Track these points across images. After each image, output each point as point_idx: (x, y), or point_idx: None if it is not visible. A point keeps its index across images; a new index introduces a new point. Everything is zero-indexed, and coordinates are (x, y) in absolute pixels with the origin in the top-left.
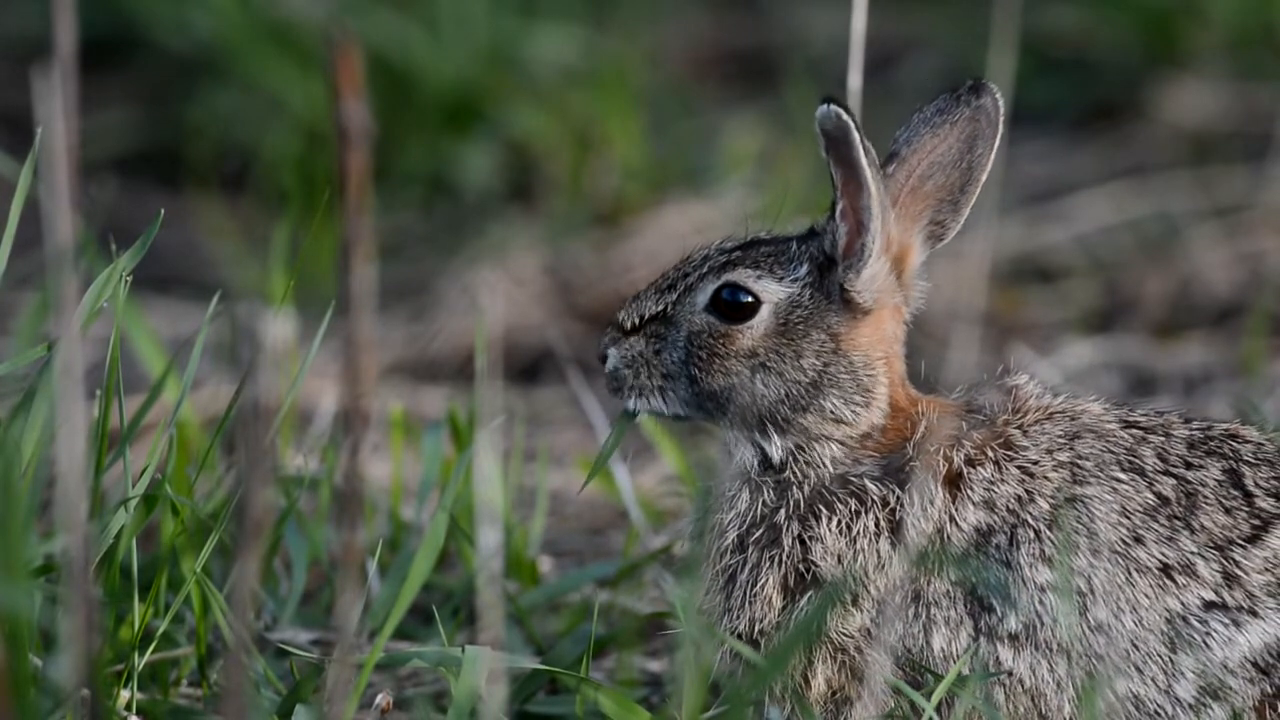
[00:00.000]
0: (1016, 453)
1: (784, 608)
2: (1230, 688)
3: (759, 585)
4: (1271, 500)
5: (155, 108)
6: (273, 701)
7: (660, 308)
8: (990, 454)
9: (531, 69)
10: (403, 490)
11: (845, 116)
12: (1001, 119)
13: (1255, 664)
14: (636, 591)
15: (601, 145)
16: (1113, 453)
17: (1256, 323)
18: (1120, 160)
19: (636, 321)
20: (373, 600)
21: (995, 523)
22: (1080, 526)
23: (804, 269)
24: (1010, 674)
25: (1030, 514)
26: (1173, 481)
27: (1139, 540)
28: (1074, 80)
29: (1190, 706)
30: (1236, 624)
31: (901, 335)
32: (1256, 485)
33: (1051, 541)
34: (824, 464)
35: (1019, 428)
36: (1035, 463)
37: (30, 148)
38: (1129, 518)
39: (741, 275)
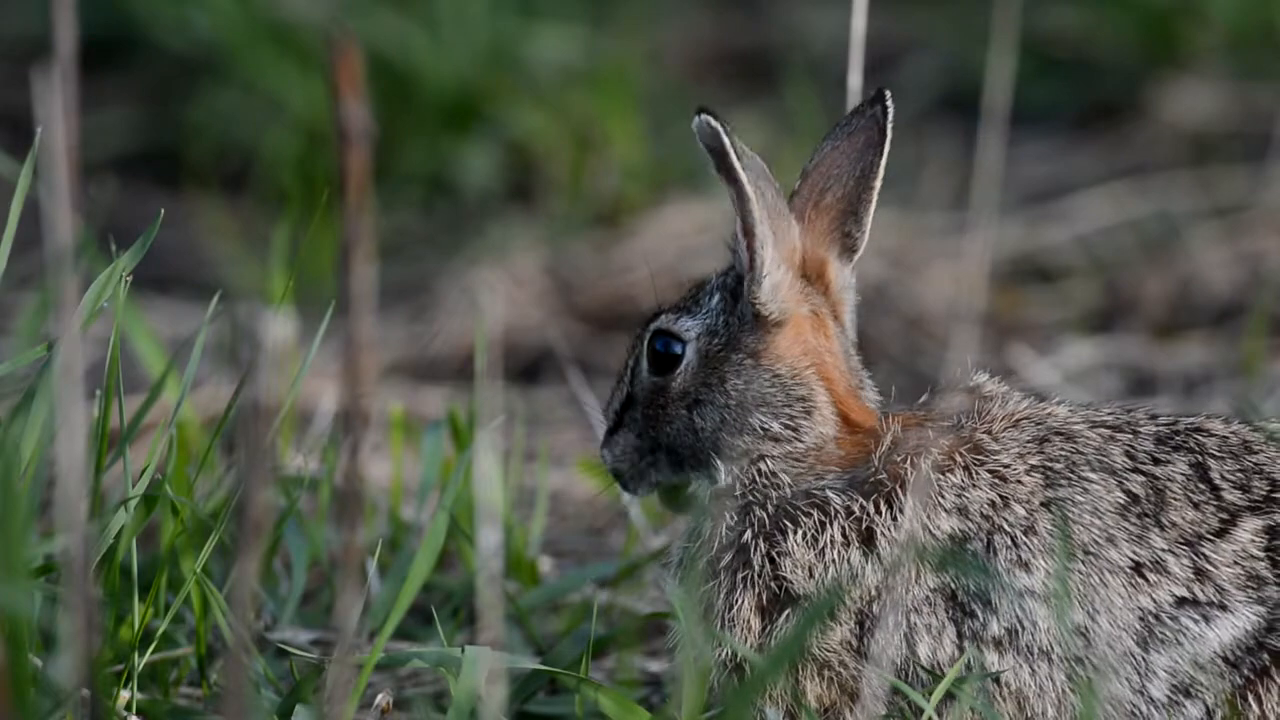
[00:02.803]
0: (987, 457)
1: (763, 629)
2: (1201, 684)
3: (735, 609)
4: (1238, 493)
5: (155, 108)
6: (273, 701)
7: (624, 394)
8: (960, 459)
9: (531, 69)
10: (403, 490)
11: (716, 124)
12: (890, 124)
13: (1225, 658)
14: (636, 591)
15: (601, 145)
16: (1082, 453)
17: (1256, 323)
18: (1120, 160)
19: (615, 418)
20: (373, 600)
21: (970, 529)
22: (1056, 530)
23: (716, 298)
24: (998, 679)
25: (1006, 520)
26: (1142, 479)
27: (1111, 540)
28: (1074, 80)
29: (1164, 706)
30: (1207, 619)
31: (838, 348)
32: (1223, 478)
33: (1028, 547)
34: (778, 481)
35: (988, 432)
36: (1007, 466)
37: (30, 148)
38: (1101, 518)
39: (663, 321)
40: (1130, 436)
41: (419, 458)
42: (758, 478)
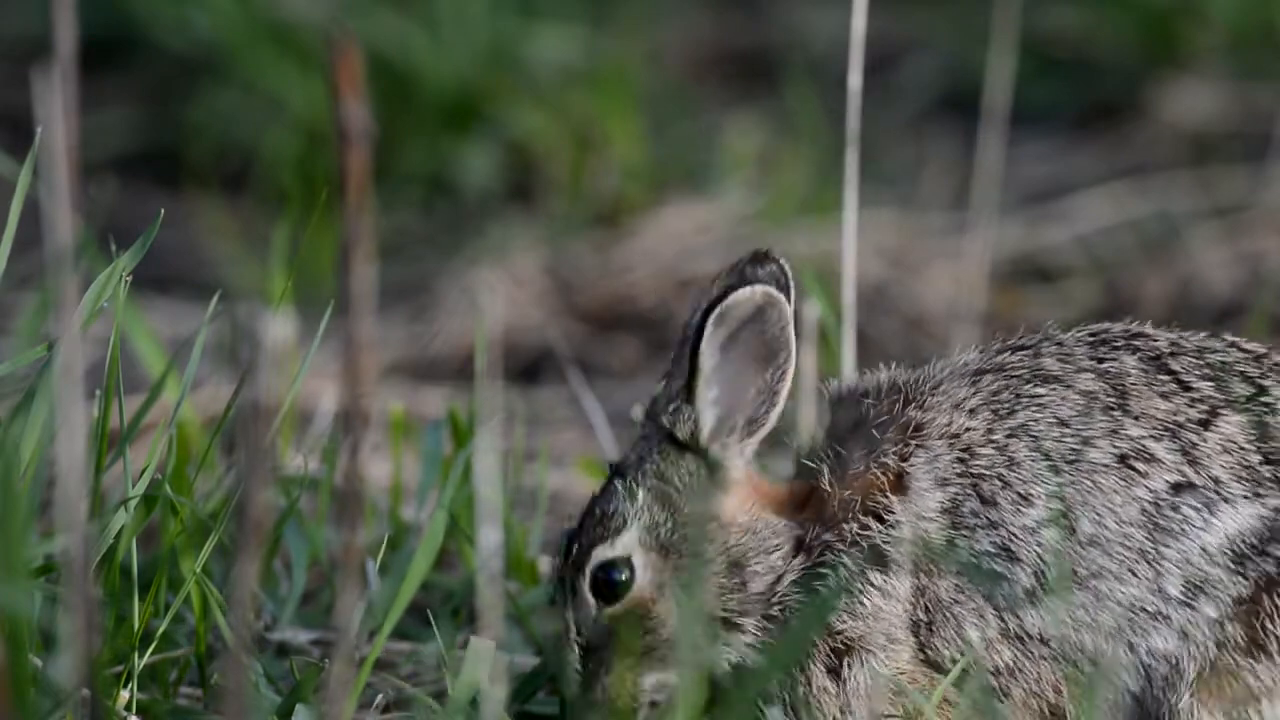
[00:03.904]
0: (927, 427)
1: (839, 687)
2: (1211, 579)
3: (812, 684)
4: (1208, 385)
5: (155, 108)
6: (273, 701)
7: (577, 652)
8: (912, 443)
9: (531, 69)
10: (403, 490)
11: (775, 293)
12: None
13: (1234, 551)
14: None
15: (601, 145)
16: (1016, 375)
17: (1256, 323)
18: (1120, 160)
19: (584, 680)
20: (373, 600)
21: (956, 493)
22: (1034, 453)
23: (640, 495)
24: (1044, 640)
25: (981, 468)
26: (1090, 375)
27: (1087, 442)
28: (1074, 80)
29: (1180, 604)
30: (1209, 507)
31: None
32: (1187, 371)
33: (1019, 479)
34: (783, 591)
35: (918, 408)
36: (947, 424)
37: (30, 148)
38: (1068, 425)
39: (598, 555)
40: (1056, 347)
41: (419, 458)
42: (780, 598)
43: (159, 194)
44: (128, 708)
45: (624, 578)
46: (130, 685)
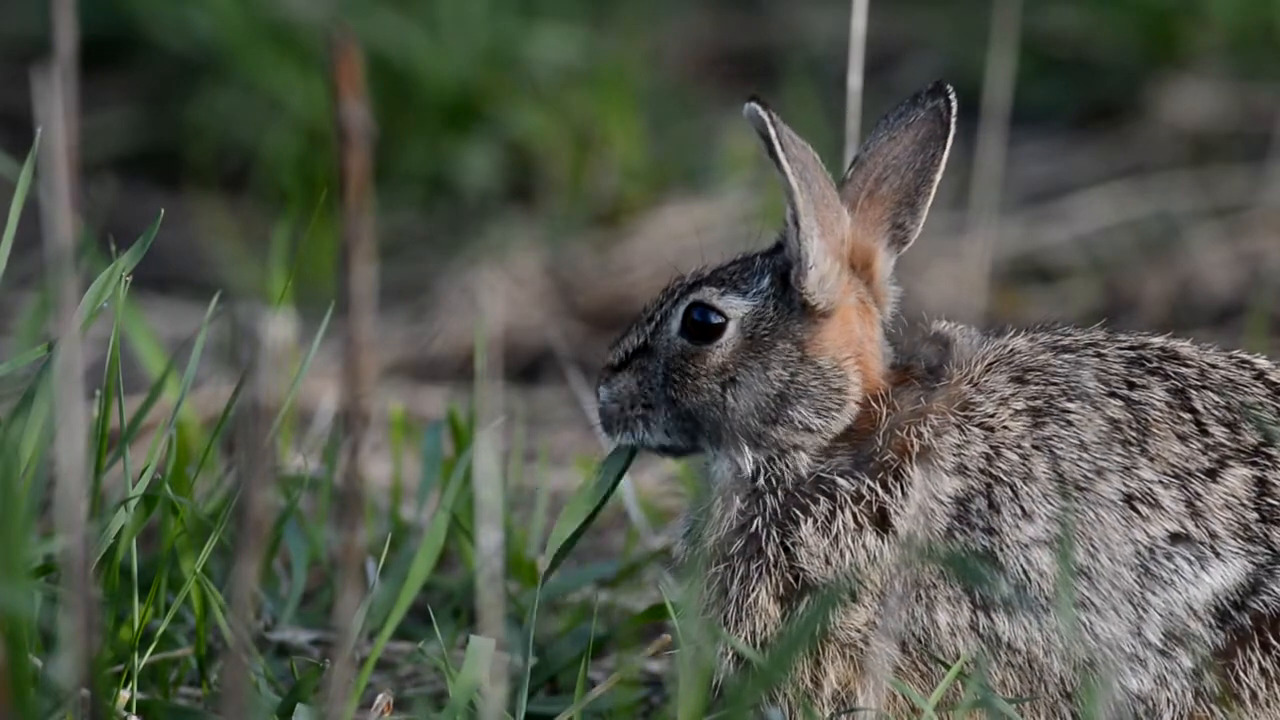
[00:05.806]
0: (974, 410)
1: (783, 616)
2: (1192, 632)
3: (752, 597)
4: (1224, 430)
5: (155, 108)
6: (273, 701)
7: (641, 340)
8: (953, 419)
9: (531, 69)
10: (403, 490)
11: (764, 114)
12: (954, 119)
13: (1217, 608)
14: (636, 591)
15: (601, 145)
16: (1054, 383)
17: (1256, 323)
18: (1120, 160)
19: (623, 357)
20: (373, 600)
21: (972, 486)
22: (1050, 472)
23: (766, 280)
24: (1010, 646)
25: (1001, 470)
26: (1119, 403)
27: (1100, 473)
28: (1074, 80)
29: (1158, 651)
30: (1201, 562)
31: (876, 335)
32: (1207, 411)
33: (1029, 496)
34: (796, 470)
35: (971, 384)
36: (992, 415)
37: (30, 148)
38: (1087, 450)
39: (706, 294)
40: (1097, 359)
41: (419, 458)
42: (774, 466)
43: (159, 194)
44: (128, 708)
45: (715, 322)
46: (130, 685)
